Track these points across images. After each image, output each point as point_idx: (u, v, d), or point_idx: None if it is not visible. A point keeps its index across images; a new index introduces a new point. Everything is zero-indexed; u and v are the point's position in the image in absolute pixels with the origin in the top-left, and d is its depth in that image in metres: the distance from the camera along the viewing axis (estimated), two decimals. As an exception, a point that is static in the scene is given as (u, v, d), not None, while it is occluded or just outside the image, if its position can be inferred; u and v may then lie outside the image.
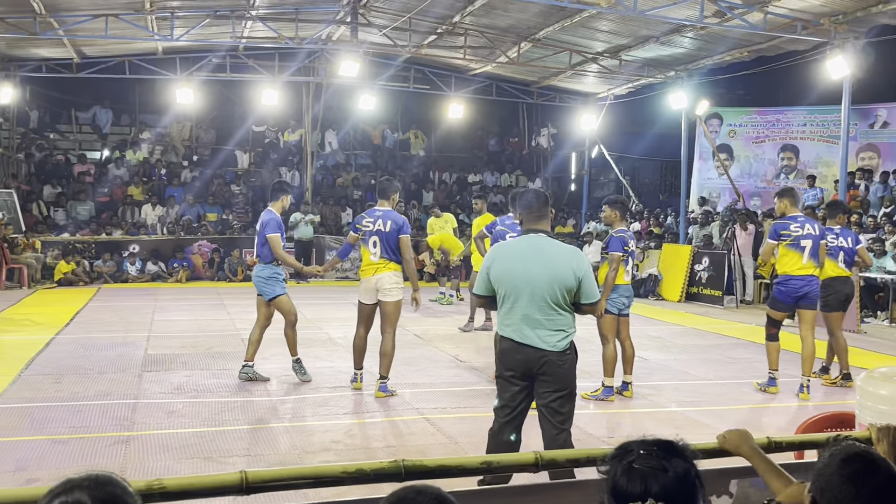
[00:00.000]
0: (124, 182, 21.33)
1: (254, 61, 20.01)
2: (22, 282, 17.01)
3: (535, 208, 4.69)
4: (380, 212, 7.84)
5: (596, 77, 20.17)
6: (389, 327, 7.85)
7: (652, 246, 18.50)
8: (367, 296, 7.82)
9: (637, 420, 7.30)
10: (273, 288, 8.19)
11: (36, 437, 6.34)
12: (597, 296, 4.56)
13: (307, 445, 6.22)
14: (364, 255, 7.84)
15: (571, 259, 4.53)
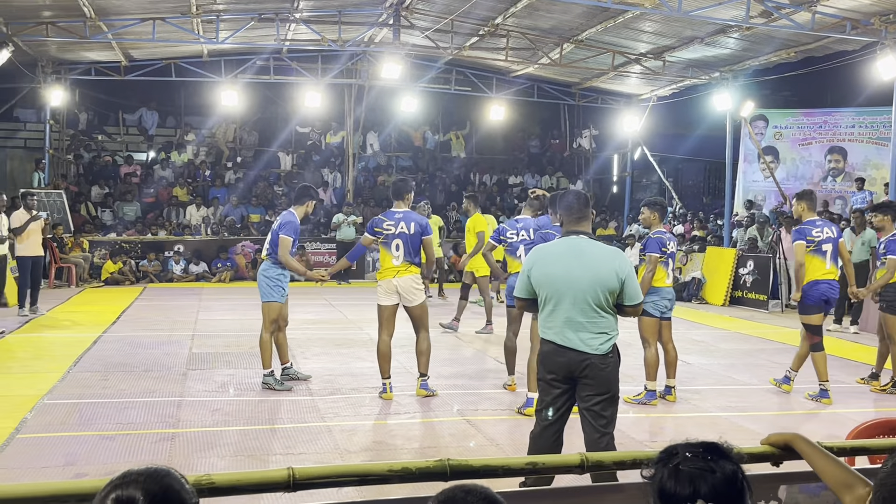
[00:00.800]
0: (169, 183, 21.67)
1: (297, 63, 20.20)
2: (70, 281, 17.38)
3: (575, 210, 4.68)
4: (399, 213, 7.71)
5: (639, 78, 20.01)
6: (422, 327, 7.82)
7: (695, 249, 18.30)
8: (387, 297, 7.67)
9: (680, 424, 7.23)
10: (272, 291, 7.98)
11: (84, 432, 6.47)
12: (640, 297, 4.54)
13: (349, 445, 6.26)
14: (384, 259, 7.68)
15: (613, 260, 4.51)
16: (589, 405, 4.51)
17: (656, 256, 7.68)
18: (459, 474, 2.22)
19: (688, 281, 17.37)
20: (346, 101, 21.99)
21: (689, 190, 26.79)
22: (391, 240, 7.62)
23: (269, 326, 8.02)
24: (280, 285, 8.04)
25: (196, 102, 23.17)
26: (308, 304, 14.38)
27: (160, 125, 23.68)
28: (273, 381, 8.00)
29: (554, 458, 2.53)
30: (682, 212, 22.17)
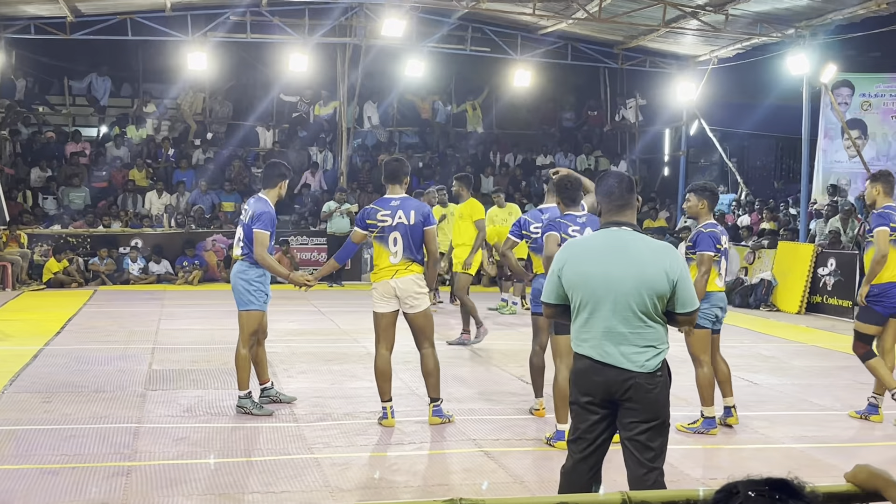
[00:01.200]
0: (125, 164, 21.79)
1: (279, 19, 20.27)
2: (5, 282, 17.50)
3: (616, 196, 4.68)
4: (396, 201, 7.66)
5: (696, 36, 19.95)
6: (426, 341, 7.78)
7: (765, 244, 18.26)
8: (384, 303, 7.66)
9: (743, 457, 7.23)
10: (251, 297, 7.96)
11: (22, 465, 6.51)
12: (695, 303, 4.53)
13: (341, 482, 6.28)
14: (380, 256, 7.67)
15: (663, 257, 4.50)
16: (633, 434, 4.50)
17: (710, 255, 7.66)
18: (473, 517, 2.23)
19: (755, 283, 17.33)
20: (339, 65, 22.04)
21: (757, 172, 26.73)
22: (388, 233, 7.58)
23: (248, 340, 8.04)
24: (262, 289, 8.04)
25: (157, 66, 23.28)
26: (292, 310, 14.44)
27: (113, 94, 23.80)
28: (250, 405, 8.01)
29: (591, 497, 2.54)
30: (748, 199, 22.12)
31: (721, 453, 7.32)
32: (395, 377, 9.30)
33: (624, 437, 4.55)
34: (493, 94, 25.15)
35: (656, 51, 22.30)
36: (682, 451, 7.11)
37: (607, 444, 4.66)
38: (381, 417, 7.81)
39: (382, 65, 22.95)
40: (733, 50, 20.72)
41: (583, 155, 25.00)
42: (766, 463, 6.99)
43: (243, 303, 7.99)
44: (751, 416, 8.47)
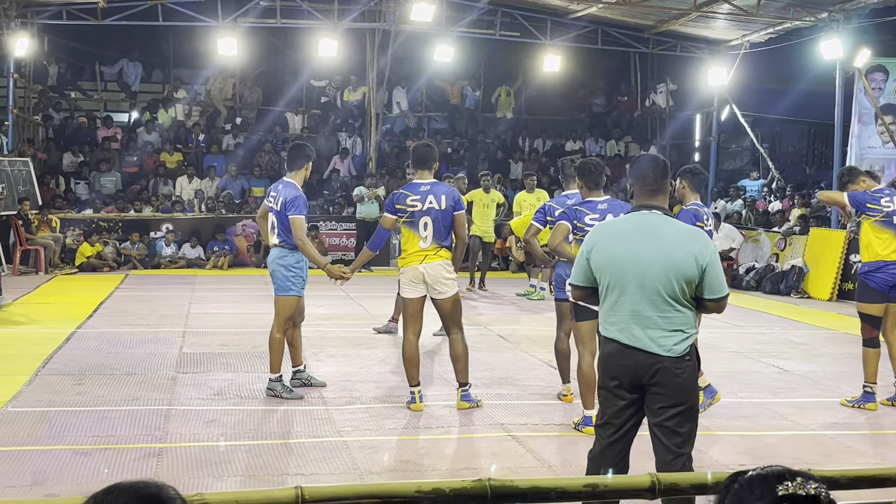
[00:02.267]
0: (156, 149, 21.92)
1: (309, 4, 20.29)
2: (38, 266, 17.68)
3: (650, 179, 4.66)
4: (426, 185, 7.67)
5: (728, 20, 19.78)
6: (455, 326, 7.79)
7: (796, 231, 18.12)
8: (412, 289, 7.66)
9: (773, 444, 7.19)
10: (291, 283, 8.00)
11: (55, 446, 6.61)
12: (724, 290, 4.50)
13: (370, 464, 6.33)
14: (409, 241, 7.65)
15: (693, 242, 4.48)
16: (661, 420, 4.49)
17: None
18: (503, 497, 2.24)
19: (786, 270, 17.21)
20: (368, 50, 22.02)
21: (789, 158, 26.48)
22: (418, 218, 7.58)
23: (283, 324, 8.09)
24: (300, 275, 8.07)
25: (187, 52, 23.37)
26: (321, 295, 14.47)
27: (144, 80, 23.94)
28: (280, 388, 8.07)
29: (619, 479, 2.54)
30: (779, 185, 21.93)
31: (750, 440, 7.28)
32: (424, 362, 9.36)
33: (652, 423, 4.55)
34: (522, 80, 25.07)
35: (687, 35, 22.13)
36: (710, 438, 7.09)
37: (635, 430, 4.66)
38: (409, 402, 7.83)
39: (411, 50, 22.93)
40: (765, 34, 20.52)
41: (612, 140, 24.88)
42: (795, 449, 6.96)
43: (282, 288, 8.02)
44: (780, 402, 8.44)
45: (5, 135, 19.60)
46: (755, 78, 23.11)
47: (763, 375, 9.66)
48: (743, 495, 1.85)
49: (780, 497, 1.80)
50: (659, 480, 2.39)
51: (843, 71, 18.81)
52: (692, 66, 23.41)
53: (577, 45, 22.30)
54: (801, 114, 24.60)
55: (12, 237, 17.75)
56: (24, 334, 11.11)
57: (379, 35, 21.47)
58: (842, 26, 18.29)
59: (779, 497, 1.80)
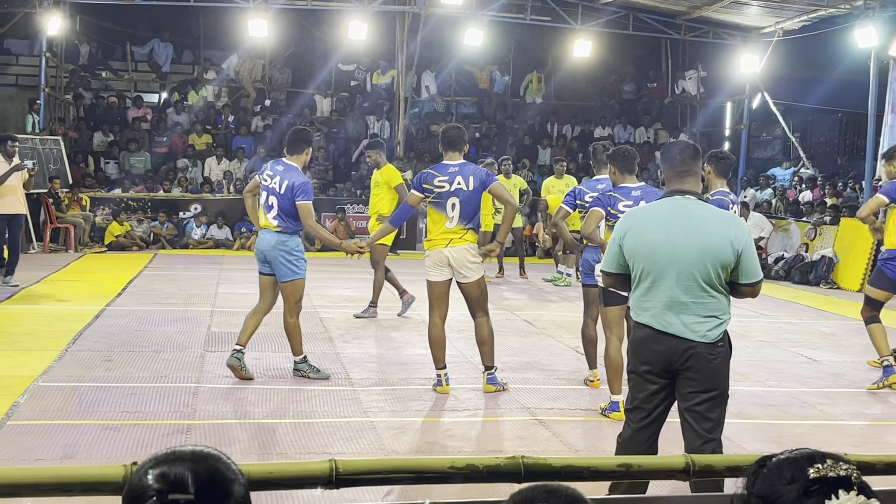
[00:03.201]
0: (185, 130, 22.01)
1: (339, -14, 20.27)
2: (68, 244, 17.84)
3: (682, 164, 4.63)
4: (454, 167, 7.60)
5: (761, 7, 19.59)
6: (480, 310, 7.74)
7: (827, 221, 17.96)
8: (437, 272, 7.64)
9: (800, 433, 7.15)
10: (295, 267, 7.86)
11: (85, 421, 6.68)
12: (759, 274, 4.48)
13: (396, 445, 6.35)
14: (435, 222, 7.62)
15: (728, 227, 4.45)
16: (691, 405, 4.48)
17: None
18: (536, 475, 2.23)
19: (816, 260, 17.07)
20: (398, 34, 21.98)
21: (821, 148, 26.27)
22: (445, 198, 7.52)
23: (295, 308, 7.99)
24: (302, 257, 7.96)
25: (217, 33, 23.42)
26: (348, 277, 14.55)
27: (174, 61, 24.01)
28: (307, 368, 8.09)
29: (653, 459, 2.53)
30: (810, 174, 21.74)
31: (778, 428, 7.24)
32: (450, 345, 9.36)
33: (682, 408, 4.53)
34: (552, 65, 24.96)
35: (720, 22, 21.94)
36: (739, 425, 7.06)
37: (665, 415, 4.65)
38: (435, 384, 7.83)
39: (441, 34, 22.87)
40: (799, 22, 20.31)
41: (642, 127, 24.74)
42: (824, 439, 6.91)
43: (287, 273, 7.85)
44: (809, 391, 8.39)
45: (37, 113, 19.76)
46: (788, 66, 22.90)
47: (791, 365, 9.60)
48: (773, 479, 1.83)
49: (812, 479, 1.79)
50: (693, 462, 2.38)
51: (878, 60, 18.59)
52: (724, 53, 23.22)
53: (608, 31, 22.17)
54: (834, 103, 24.38)
55: (43, 215, 17.91)
56: (54, 311, 11.20)
57: (409, 18, 21.43)
58: (877, 14, 18.07)
59: (810, 479, 1.79)
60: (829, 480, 1.78)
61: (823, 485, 1.77)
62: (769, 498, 1.81)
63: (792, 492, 1.78)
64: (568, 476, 2.26)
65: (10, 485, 2.03)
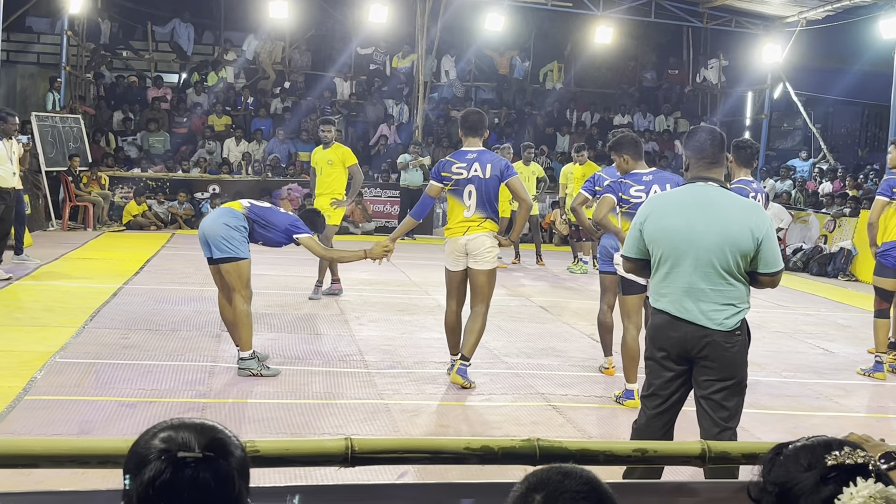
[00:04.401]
0: (205, 111, 22.04)
1: (361, -31, 20.21)
2: (87, 223, 17.92)
3: (707, 151, 4.61)
4: (472, 153, 7.48)
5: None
6: (482, 301, 7.54)
7: (846, 212, 17.85)
8: (454, 261, 7.53)
9: (815, 424, 7.11)
10: (239, 245, 7.35)
11: (101, 397, 6.71)
12: (779, 264, 4.45)
13: (410, 427, 6.36)
14: (453, 211, 7.49)
15: (749, 215, 4.43)
16: (708, 393, 4.47)
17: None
18: (551, 458, 2.23)
19: (835, 252, 16.98)
20: (419, 18, 21.92)
21: (842, 139, 26.12)
22: (463, 186, 7.40)
23: (248, 291, 7.49)
24: (245, 235, 7.44)
25: (238, 15, 23.42)
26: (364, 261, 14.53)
27: (195, 41, 24.01)
28: (257, 366, 7.50)
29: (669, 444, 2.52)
30: (830, 166, 21.61)
31: (793, 419, 7.21)
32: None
33: (699, 396, 4.52)
34: (572, 51, 24.85)
35: (743, 10, 21.78)
36: (754, 415, 7.03)
37: (681, 402, 4.64)
38: (449, 368, 7.79)
39: (462, 19, 22.79)
40: (823, 12, 20.14)
41: (662, 115, 24.62)
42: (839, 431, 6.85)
43: (229, 251, 7.33)
44: (826, 384, 8.35)
45: (58, 91, 19.82)
46: (810, 56, 22.74)
47: (808, 356, 9.56)
48: (790, 466, 1.82)
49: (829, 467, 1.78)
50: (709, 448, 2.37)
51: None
52: (746, 42, 23.07)
53: (630, 18, 22.07)
54: (856, 94, 24.23)
55: (62, 193, 17.99)
56: (72, 288, 11.26)
57: (430, 2, 21.36)
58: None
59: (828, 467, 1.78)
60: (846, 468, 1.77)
61: (841, 472, 1.76)
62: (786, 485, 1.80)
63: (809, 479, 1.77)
64: (583, 459, 2.26)
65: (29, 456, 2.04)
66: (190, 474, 1.71)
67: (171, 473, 1.71)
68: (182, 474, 1.71)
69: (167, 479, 1.70)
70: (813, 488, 1.76)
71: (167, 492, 1.70)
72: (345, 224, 18.63)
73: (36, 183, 17.12)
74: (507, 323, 10.33)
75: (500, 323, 10.25)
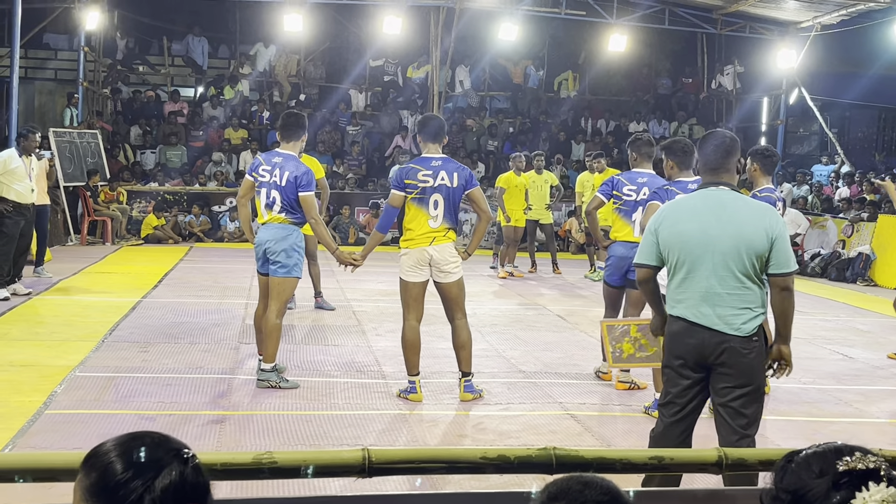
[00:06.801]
0: (221, 124, 22.15)
1: (374, -19, 20.30)
2: (105, 237, 18.03)
3: (717, 157, 4.62)
4: (437, 160, 7.10)
5: (799, 1, 19.39)
6: (460, 311, 7.29)
7: (864, 217, 17.76)
8: (415, 272, 7.14)
9: (835, 431, 7.09)
10: (297, 263, 7.43)
11: (121, 410, 6.74)
12: (792, 265, 4.43)
13: (428, 437, 6.37)
14: (416, 220, 7.09)
15: (763, 217, 4.43)
16: (726, 400, 4.46)
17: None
18: (568, 467, 2.23)
19: (853, 257, 16.89)
20: (433, 28, 21.97)
21: (858, 143, 25.99)
22: (429, 195, 7.04)
23: (284, 308, 7.59)
24: (303, 255, 7.61)
25: (253, 28, 23.53)
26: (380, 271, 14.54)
27: (211, 55, 24.14)
28: (277, 378, 7.51)
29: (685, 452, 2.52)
30: (847, 170, 21.52)
31: (813, 425, 7.19)
32: (482, 339, 9.41)
33: (717, 403, 4.51)
34: (587, 60, 24.85)
35: (757, 16, 21.73)
36: (773, 422, 7.01)
37: (698, 411, 4.63)
38: (406, 391, 7.31)
39: (475, 28, 22.83)
40: (838, 16, 20.07)
41: (676, 122, 24.57)
42: (858, 438, 6.83)
43: (287, 268, 7.38)
44: (845, 389, 8.31)
45: (75, 107, 19.98)
46: (825, 61, 22.68)
47: (827, 362, 9.51)
48: (801, 473, 1.82)
49: (841, 472, 1.78)
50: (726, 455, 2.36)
51: (918, 54, 18.36)
52: (761, 47, 23.02)
53: (644, 25, 22.06)
54: (872, 98, 24.13)
55: (80, 208, 18.11)
56: (91, 302, 11.33)
57: (444, 13, 21.41)
58: (918, 8, 17.85)
59: (839, 472, 1.78)
60: (858, 473, 1.77)
61: (853, 477, 1.76)
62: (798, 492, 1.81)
63: (821, 485, 1.77)
64: (600, 468, 2.26)
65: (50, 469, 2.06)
66: None
67: None
68: None
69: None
70: (825, 494, 1.76)
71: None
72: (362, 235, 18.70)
73: (54, 198, 17.22)
74: (525, 332, 10.32)
75: (518, 332, 10.26)
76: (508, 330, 10.40)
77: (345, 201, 19.84)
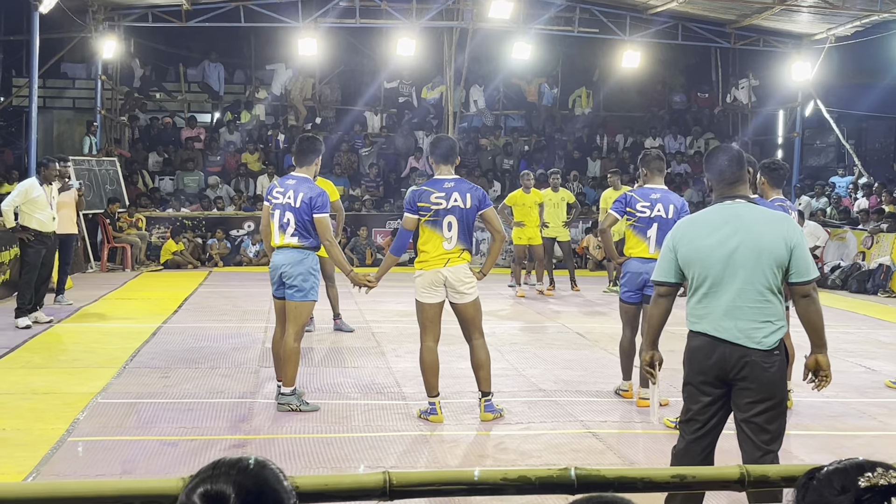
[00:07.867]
0: (238, 149, 22.28)
1: (387, 4, 20.42)
2: (125, 263, 18.14)
3: (727, 172, 4.61)
4: (450, 182, 7.12)
5: (812, 14, 19.37)
6: (478, 331, 7.33)
7: (883, 228, 17.67)
8: (431, 293, 7.17)
9: (860, 444, 7.02)
10: (313, 287, 7.48)
11: (143, 436, 6.77)
12: (811, 273, 4.42)
13: (449, 458, 6.35)
14: (430, 242, 7.11)
15: (781, 225, 4.43)
16: (749, 416, 4.42)
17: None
18: (589, 487, 2.23)
19: (873, 269, 16.80)
20: (446, 49, 22.10)
21: (875, 154, 25.85)
22: (442, 216, 7.05)
23: (302, 332, 7.65)
24: (319, 278, 7.66)
25: (269, 53, 23.71)
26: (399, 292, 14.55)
27: (227, 81, 24.32)
28: (297, 402, 7.52)
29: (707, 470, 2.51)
30: (865, 181, 21.42)
31: (837, 439, 7.13)
32: (502, 358, 9.40)
33: (739, 419, 4.47)
34: (601, 76, 24.90)
35: (770, 29, 21.73)
36: (796, 437, 6.96)
37: (721, 426, 4.60)
38: (427, 412, 7.32)
39: (489, 48, 22.95)
40: (852, 28, 20.05)
41: (692, 137, 24.56)
42: (883, 452, 6.78)
43: (304, 292, 7.42)
44: (868, 402, 8.24)
45: (94, 135, 20.14)
46: (840, 72, 22.63)
47: (850, 375, 9.44)
48: (823, 491, 1.81)
49: (864, 489, 1.76)
50: (748, 472, 2.35)
51: (934, 64, 18.30)
52: (775, 60, 23.00)
53: (657, 41, 22.12)
54: (889, 109, 24.02)
55: (100, 235, 18.24)
56: (112, 328, 11.39)
57: (457, 33, 21.54)
58: (932, 18, 17.80)
59: (862, 489, 1.77)
60: (880, 489, 1.76)
61: (875, 493, 1.75)
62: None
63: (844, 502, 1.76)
64: (621, 487, 2.25)
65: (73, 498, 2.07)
66: None
67: None
68: None
69: None
70: None
71: None
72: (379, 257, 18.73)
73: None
74: (544, 350, 10.31)
75: (537, 350, 10.24)
76: (528, 348, 10.38)
77: (362, 223, 19.90)
